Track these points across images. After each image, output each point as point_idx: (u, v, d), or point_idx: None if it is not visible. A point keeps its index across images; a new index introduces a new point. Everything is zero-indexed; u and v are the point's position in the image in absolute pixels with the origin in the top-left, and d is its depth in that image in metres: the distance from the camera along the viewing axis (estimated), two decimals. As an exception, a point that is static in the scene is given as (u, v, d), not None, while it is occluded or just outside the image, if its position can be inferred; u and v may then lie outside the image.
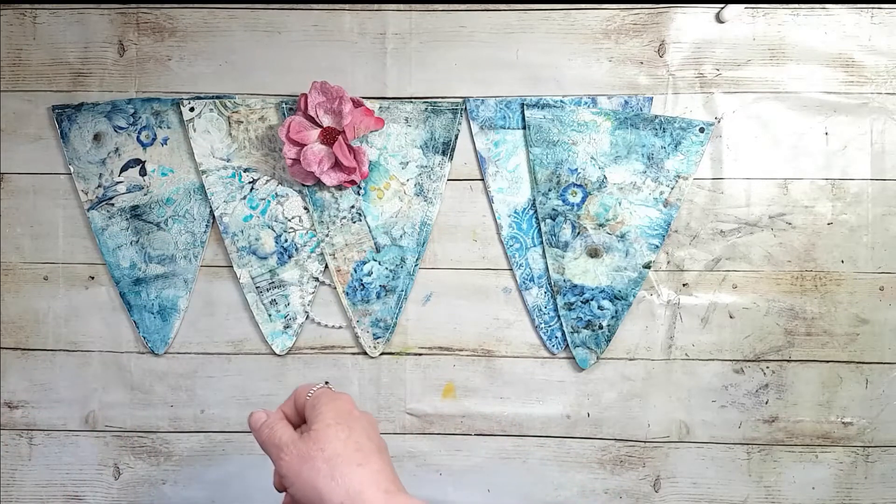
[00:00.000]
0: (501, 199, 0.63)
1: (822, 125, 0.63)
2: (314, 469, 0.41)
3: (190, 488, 0.65)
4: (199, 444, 0.65)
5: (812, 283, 0.63)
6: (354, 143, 0.61)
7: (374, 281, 0.64)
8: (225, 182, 0.64)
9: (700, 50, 0.63)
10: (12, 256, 0.65)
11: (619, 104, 0.62)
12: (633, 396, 0.64)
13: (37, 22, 0.64)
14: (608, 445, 0.64)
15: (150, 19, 0.64)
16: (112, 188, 0.64)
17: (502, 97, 0.63)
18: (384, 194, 0.64)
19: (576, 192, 0.63)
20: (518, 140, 0.63)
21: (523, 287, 0.64)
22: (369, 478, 0.41)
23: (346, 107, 0.59)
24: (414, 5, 0.63)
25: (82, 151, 0.64)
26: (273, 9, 0.63)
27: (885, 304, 0.63)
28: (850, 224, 0.63)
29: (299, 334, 0.64)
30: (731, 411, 0.63)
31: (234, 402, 0.65)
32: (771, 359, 0.63)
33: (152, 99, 0.64)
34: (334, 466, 0.41)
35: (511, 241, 0.64)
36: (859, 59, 0.62)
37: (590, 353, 0.63)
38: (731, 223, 0.63)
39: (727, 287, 0.63)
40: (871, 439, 0.63)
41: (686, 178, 0.62)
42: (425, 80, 0.63)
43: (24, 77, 0.64)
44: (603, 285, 0.63)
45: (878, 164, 0.62)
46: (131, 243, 0.64)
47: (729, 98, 0.63)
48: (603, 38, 0.63)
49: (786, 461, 0.64)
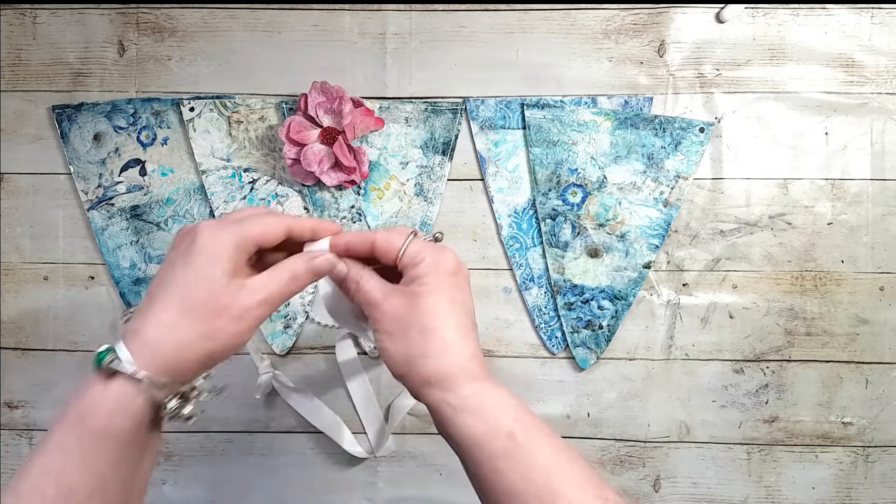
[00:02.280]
0: (501, 199, 0.63)
1: (822, 125, 0.63)
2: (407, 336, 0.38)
3: (190, 488, 0.65)
4: (199, 444, 0.65)
5: (812, 283, 0.63)
6: (354, 143, 0.61)
7: (374, 281, 0.64)
8: (225, 182, 0.64)
9: (700, 50, 0.63)
10: (12, 256, 0.65)
11: (619, 104, 0.62)
12: (633, 396, 0.64)
13: (37, 22, 0.64)
14: (608, 445, 0.64)
15: (150, 19, 0.64)
16: (112, 188, 0.64)
17: (502, 97, 0.63)
18: (384, 194, 0.64)
19: (576, 192, 0.63)
20: (518, 140, 0.63)
21: (523, 287, 0.64)
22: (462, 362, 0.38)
23: (347, 107, 0.59)
24: (414, 5, 0.63)
25: (82, 151, 0.64)
26: (273, 9, 0.63)
27: (885, 304, 0.63)
28: (850, 224, 0.63)
29: (299, 334, 0.64)
30: (731, 411, 0.63)
31: (234, 402, 0.65)
32: (771, 359, 0.63)
33: (152, 99, 0.64)
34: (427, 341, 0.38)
35: (511, 241, 0.64)
36: (859, 59, 0.62)
37: (590, 353, 0.63)
38: (731, 223, 0.63)
39: (727, 287, 0.63)
40: (871, 439, 0.63)
41: (686, 178, 0.62)
42: (425, 80, 0.63)
43: (24, 77, 0.64)
44: (603, 285, 0.63)
45: (878, 164, 0.62)
46: (131, 243, 0.64)
47: (729, 98, 0.63)
48: (603, 38, 0.63)
49: (786, 461, 0.64)
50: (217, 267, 0.36)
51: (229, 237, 0.37)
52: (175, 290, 0.35)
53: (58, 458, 0.34)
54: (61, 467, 0.33)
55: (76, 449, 0.34)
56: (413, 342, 0.38)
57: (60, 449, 0.34)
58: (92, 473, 0.34)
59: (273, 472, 0.65)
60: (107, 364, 0.34)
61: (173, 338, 0.35)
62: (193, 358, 0.35)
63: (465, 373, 0.37)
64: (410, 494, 0.65)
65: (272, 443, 0.65)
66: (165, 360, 0.35)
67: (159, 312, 0.35)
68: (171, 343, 0.35)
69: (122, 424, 0.35)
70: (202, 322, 0.35)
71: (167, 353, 0.35)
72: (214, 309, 0.36)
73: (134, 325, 0.35)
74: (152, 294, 0.36)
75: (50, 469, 0.33)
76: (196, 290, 0.35)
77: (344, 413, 0.64)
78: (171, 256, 0.37)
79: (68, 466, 0.33)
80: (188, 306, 0.35)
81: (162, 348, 0.35)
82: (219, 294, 0.36)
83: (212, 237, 0.36)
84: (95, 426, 0.34)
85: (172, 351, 0.35)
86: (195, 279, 0.35)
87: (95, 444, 0.34)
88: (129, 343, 0.34)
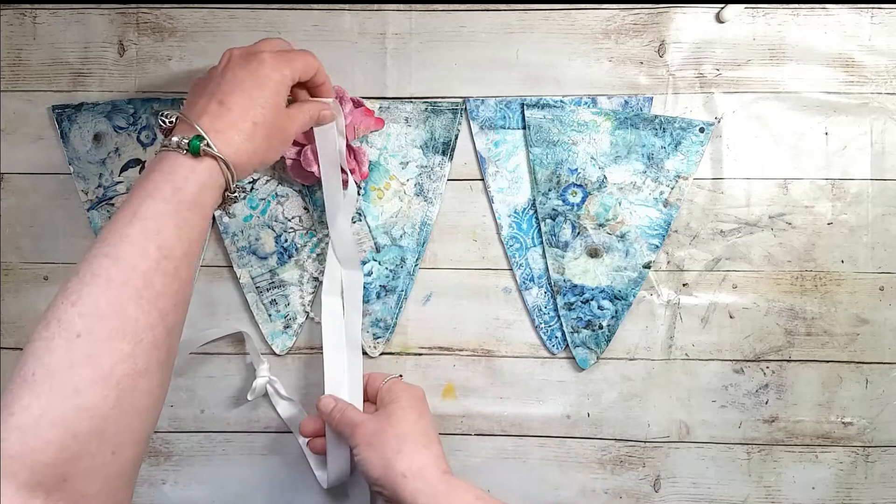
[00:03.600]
0: (501, 199, 0.63)
1: (822, 125, 0.63)
2: (384, 442, 0.48)
3: (190, 488, 0.65)
4: (199, 444, 0.65)
5: (812, 283, 0.63)
6: (354, 143, 0.61)
7: (373, 281, 0.64)
8: (225, 182, 0.64)
9: (700, 50, 0.63)
10: (12, 256, 0.65)
11: (619, 104, 0.62)
12: (633, 396, 0.64)
13: (37, 22, 0.64)
14: (608, 445, 0.64)
15: (150, 19, 0.64)
16: (112, 188, 0.64)
17: (502, 97, 0.63)
18: (384, 194, 0.64)
19: (576, 192, 0.63)
20: (518, 140, 0.63)
21: (523, 287, 0.64)
22: (431, 459, 0.47)
23: (347, 107, 0.59)
24: (414, 5, 0.63)
25: (82, 151, 0.64)
26: (273, 9, 0.63)
27: (885, 304, 0.63)
28: (850, 224, 0.63)
29: (299, 334, 0.64)
30: (731, 411, 0.64)
31: (234, 402, 0.65)
32: (771, 359, 0.63)
33: (152, 99, 0.64)
34: (402, 442, 0.48)
35: (511, 241, 0.64)
36: (859, 59, 0.62)
37: (590, 353, 0.63)
38: (731, 223, 0.63)
39: (727, 287, 0.63)
40: (871, 439, 0.63)
41: (686, 178, 0.62)
42: (425, 80, 0.63)
43: (24, 77, 0.64)
44: (603, 285, 0.63)
45: (878, 164, 0.62)
46: (131, 243, 0.64)
47: (729, 98, 0.63)
48: (603, 38, 0.63)
49: (786, 461, 0.64)
50: (282, 96, 0.46)
51: (289, 73, 0.46)
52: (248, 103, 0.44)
53: (155, 224, 0.39)
54: (159, 232, 0.39)
55: (172, 216, 0.39)
56: (389, 445, 0.48)
57: (156, 216, 0.39)
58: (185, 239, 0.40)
59: (273, 472, 0.65)
60: (203, 147, 0.41)
61: (248, 143, 0.44)
62: (257, 161, 0.45)
63: (435, 466, 0.47)
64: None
65: (272, 443, 0.65)
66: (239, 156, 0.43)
67: (239, 121, 0.43)
68: (245, 146, 0.43)
69: (209, 199, 0.42)
70: (268, 138, 0.45)
71: (242, 153, 0.43)
72: (278, 129, 0.46)
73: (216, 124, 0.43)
74: (224, 103, 0.43)
75: (149, 233, 0.38)
76: (267, 111, 0.44)
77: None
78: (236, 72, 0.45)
79: (166, 232, 0.39)
80: (262, 122, 0.44)
81: (239, 149, 0.43)
82: (281, 117, 0.46)
83: (277, 69, 0.45)
84: (189, 198, 0.41)
85: (245, 153, 0.44)
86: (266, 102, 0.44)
87: (188, 213, 0.40)
88: (213, 137, 0.42)
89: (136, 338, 0.36)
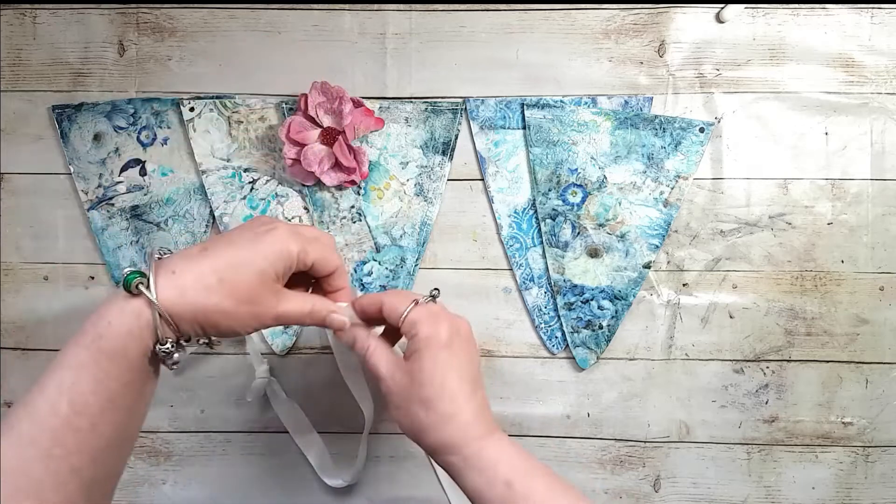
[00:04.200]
0: (501, 199, 0.63)
1: (822, 125, 0.63)
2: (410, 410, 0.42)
3: (190, 488, 0.65)
4: (199, 444, 0.65)
5: (812, 283, 0.63)
6: (354, 143, 0.61)
7: (374, 281, 0.64)
8: (225, 182, 0.64)
9: (700, 50, 0.63)
10: (12, 256, 0.65)
11: (619, 104, 0.62)
12: (633, 396, 0.64)
13: (37, 22, 0.64)
14: (608, 445, 0.64)
15: (150, 19, 0.64)
16: (112, 188, 0.64)
17: (502, 97, 0.63)
18: (384, 194, 0.64)
19: (576, 192, 0.63)
20: (518, 140, 0.63)
21: (523, 287, 0.64)
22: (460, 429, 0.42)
23: (347, 107, 0.59)
24: (414, 5, 0.63)
25: (82, 151, 0.64)
26: (273, 9, 0.63)
27: (885, 304, 0.63)
28: (850, 224, 0.63)
29: (299, 334, 0.64)
30: (731, 411, 0.63)
31: (234, 402, 0.65)
32: (771, 359, 0.63)
33: (152, 99, 0.64)
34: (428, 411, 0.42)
35: (511, 241, 0.64)
36: (859, 59, 0.62)
37: (590, 353, 0.63)
38: (731, 223, 0.63)
39: (727, 287, 0.63)
40: (871, 439, 0.63)
41: (686, 178, 0.62)
42: (425, 80, 0.63)
43: (24, 77, 0.64)
44: (603, 285, 0.63)
45: (878, 164, 0.62)
46: (131, 243, 0.64)
47: (729, 98, 0.63)
48: (603, 38, 0.63)
49: (786, 461, 0.64)
50: (276, 268, 0.40)
51: (297, 249, 0.41)
52: (229, 260, 0.39)
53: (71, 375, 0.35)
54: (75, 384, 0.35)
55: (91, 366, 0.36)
56: (416, 416, 0.42)
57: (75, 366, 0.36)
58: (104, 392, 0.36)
59: (273, 472, 0.65)
60: (135, 285, 0.36)
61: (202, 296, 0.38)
62: (204, 320, 0.38)
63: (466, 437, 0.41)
64: (410, 494, 0.65)
65: (272, 443, 0.65)
66: (184, 308, 0.37)
67: (205, 270, 0.38)
68: (197, 298, 0.37)
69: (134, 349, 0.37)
70: (231, 299, 0.38)
71: (189, 304, 0.37)
72: (248, 297, 0.39)
73: (175, 264, 0.38)
74: (208, 250, 0.39)
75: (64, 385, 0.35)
76: (246, 272, 0.39)
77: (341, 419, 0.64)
78: (243, 231, 0.41)
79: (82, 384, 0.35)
80: (230, 280, 0.38)
81: (187, 298, 0.37)
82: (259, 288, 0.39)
83: (284, 239, 0.40)
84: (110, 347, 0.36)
85: (194, 305, 0.37)
86: (250, 264, 0.39)
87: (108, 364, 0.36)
88: (160, 277, 0.37)
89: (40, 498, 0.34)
